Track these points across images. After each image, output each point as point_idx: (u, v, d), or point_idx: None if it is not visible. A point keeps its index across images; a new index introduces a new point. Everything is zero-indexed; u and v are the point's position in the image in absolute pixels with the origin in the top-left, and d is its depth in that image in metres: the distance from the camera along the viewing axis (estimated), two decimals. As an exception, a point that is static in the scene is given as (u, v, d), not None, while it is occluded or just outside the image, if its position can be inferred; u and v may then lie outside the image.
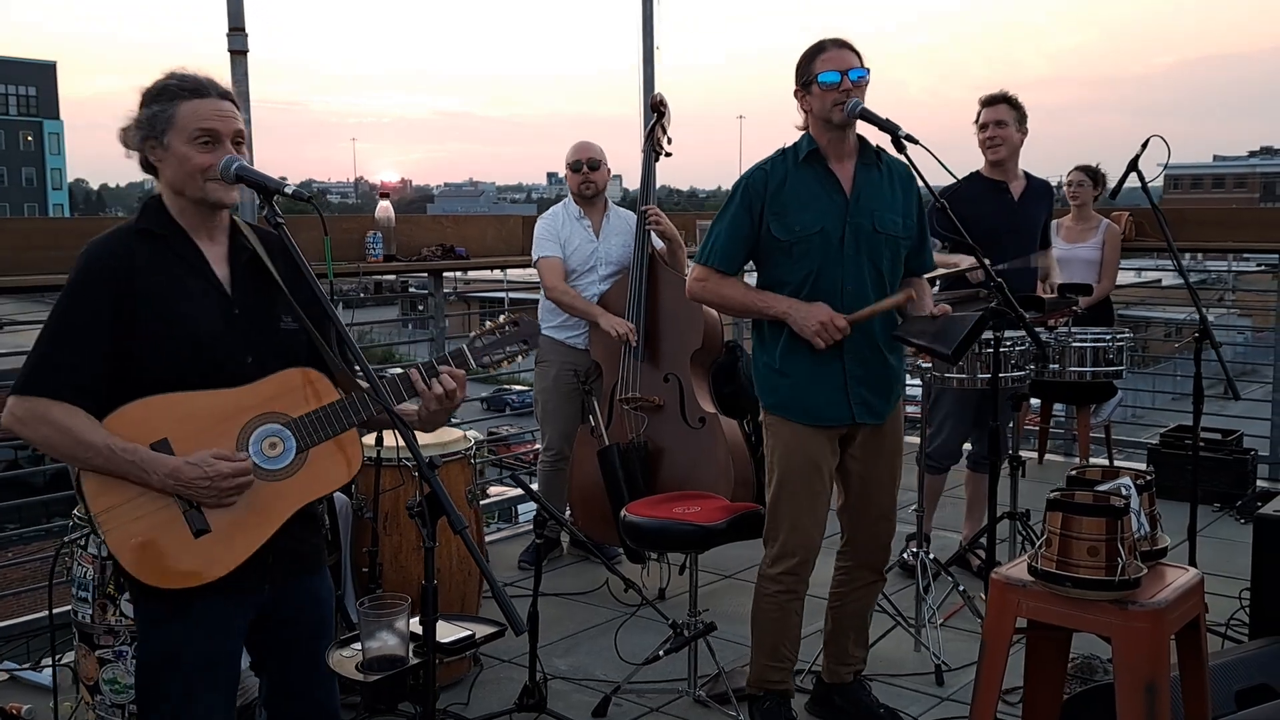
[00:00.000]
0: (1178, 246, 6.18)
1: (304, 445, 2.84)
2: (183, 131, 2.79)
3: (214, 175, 2.79)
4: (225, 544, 2.79)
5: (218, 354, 2.82)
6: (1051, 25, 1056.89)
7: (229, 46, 6.02)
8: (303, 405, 2.85)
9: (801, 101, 4.14)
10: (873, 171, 4.18)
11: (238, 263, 2.93)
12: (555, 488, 6.30)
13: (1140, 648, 3.04)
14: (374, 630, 2.99)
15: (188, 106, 2.79)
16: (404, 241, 7.00)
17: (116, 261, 2.78)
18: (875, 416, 4.21)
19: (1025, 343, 4.91)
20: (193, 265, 2.86)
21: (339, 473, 2.93)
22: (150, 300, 2.77)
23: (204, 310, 2.83)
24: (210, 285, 2.87)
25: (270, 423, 2.83)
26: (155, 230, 2.85)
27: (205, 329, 2.82)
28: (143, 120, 2.82)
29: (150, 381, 2.76)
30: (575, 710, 4.59)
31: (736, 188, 4.21)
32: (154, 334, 2.77)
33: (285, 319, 2.95)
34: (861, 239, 4.11)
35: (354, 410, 2.87)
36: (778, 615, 4.28)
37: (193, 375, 2.79)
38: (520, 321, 3.09)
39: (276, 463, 2.83)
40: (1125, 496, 3.15)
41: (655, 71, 8.08)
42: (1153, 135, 5.00)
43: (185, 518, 2.76)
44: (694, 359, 5.90)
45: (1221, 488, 7.36)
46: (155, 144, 2.82)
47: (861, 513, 4.33)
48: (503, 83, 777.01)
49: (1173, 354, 15.96)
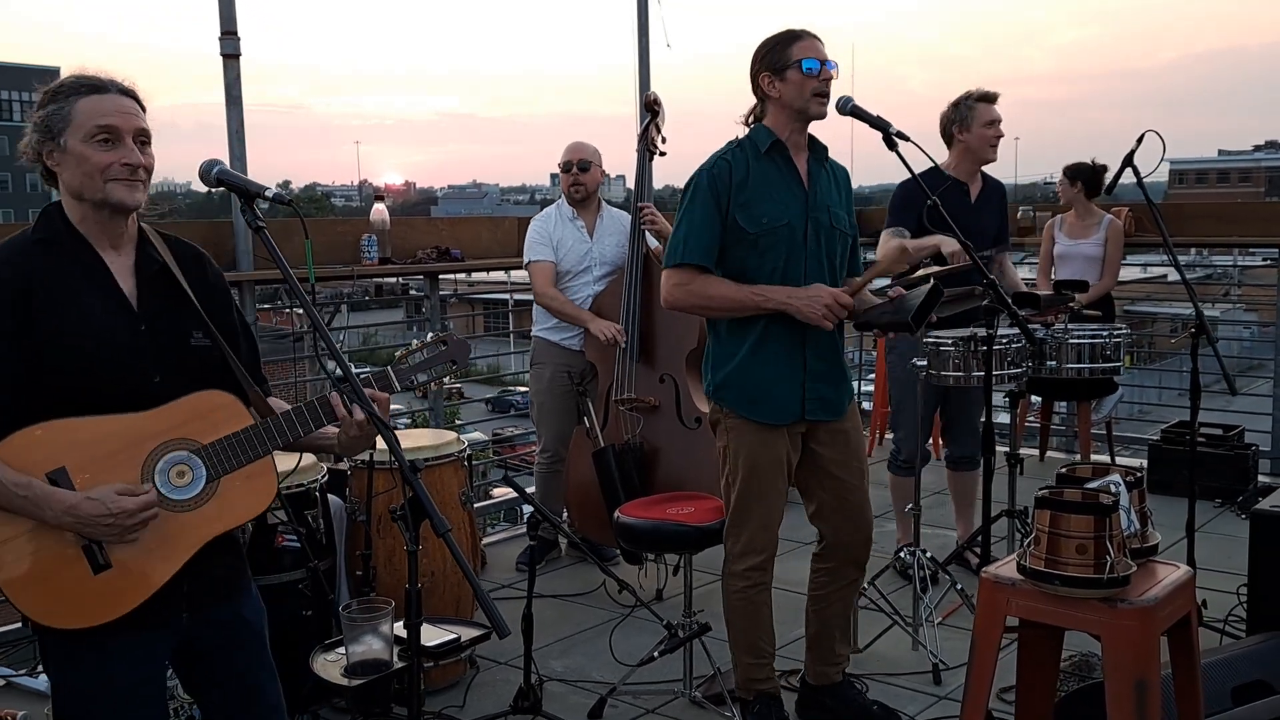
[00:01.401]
0: (1180, 241, 6.16)
1: (215, 474, 2.67)
2: (80, 129, 2.61)
3: (115, 175, 2.62)
4: (130, 580, 2.61)
5: (122, 373, 2.64)
6: (1055, 19, 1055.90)
7: (221, 50, 6.03)
8: (214, 431, 2.67)
9: (767, 87, 4.05)
10: (821, 169, 4.17)
11: (145, 275, 2.74)
12: (552, 489, 6.29)
13: (1129, 645, 3.02)
14: (358, 634, 2.98)
15: (85, 103, 2.63)
16: (399, 244, 6.99)
17: (11, 273, 2.59)
18: (831, 412, 4.20)
19: (1020, 339, 4.89)
20: (95, 278, 2.67)
21: (252, 503, 2.74)
22: (48, 315, 2.58)
23: (107, 326, 2.64)
24: (114, 299, 2.68)
25: (179, 449, 2.65)
26: (54, 239, 2.67)
27: (109, 346, 2.63)
28: (39, 122, 2.64)
29: (48, 404, 2.57)
30: (571, 712, 4.57)
31: (698, 181, 4.08)
32: (53, 351, 2.58)
33: (196, 335, 2.76)
34: (821, 233, 4.11)
35: (269, 436, 2.70)
36: (749, 609, 4.26)
37: (95, 396, 2.60)
38: (449, 341, 2.94)
39: (185, 492, 2.65)
40: (1114, 494, 3.13)
41: (651, 71, 8.06)
42: (1147, 130, 4.99)
43: (85, 553, 2.57)
44: (689, 359, 5.88)
45: (1222, 483, 7.33)
46: (53, 146, 2.64)
47: (841, 512, 4.29)
48: (506, 83, 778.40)
49: (1177, 350, 15.92)
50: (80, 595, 2.58)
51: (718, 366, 4.21)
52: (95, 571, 2.58)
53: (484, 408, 29.46)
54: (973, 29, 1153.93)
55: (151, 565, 2.63)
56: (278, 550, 4.33)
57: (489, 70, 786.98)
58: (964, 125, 5.73)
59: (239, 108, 6.12)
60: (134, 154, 2.65)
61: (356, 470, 4.85)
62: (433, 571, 4.75)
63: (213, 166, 2.77)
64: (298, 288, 2.73)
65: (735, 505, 4.22)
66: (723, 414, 4.21)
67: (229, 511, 2.71)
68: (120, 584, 2.60)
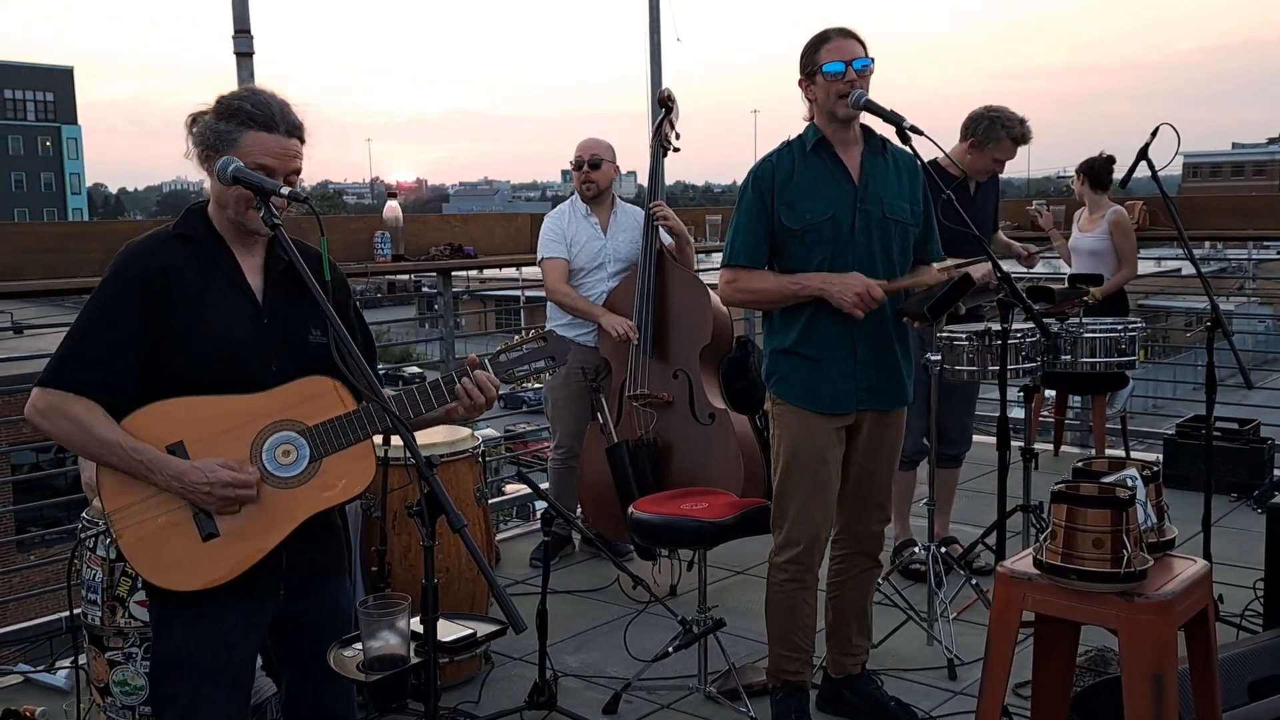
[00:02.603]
0: (1195, 235, 6.14)
1: (317, 454, 2.84)
2: (242, 159, 2.78)
3: (255, 205, 2.78)
4: (230, 549, 2.79)
5: (243, 360, 2.84)
6: (1070, 13, 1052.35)
7: (234, 49, 6.03)
8: (320, 414, 2.85)
9: (806, 91, 4.13)
10: (879, 159, 4.18)
11: (272, 273, 2.94)
12: (566, 485, 6.29)
13: (1146, 640, 3.01)
14: (375, 629, 2.97)
15: (253, 137, 2.81)
16: (412, 241, 6.99)
17: (153, 262, 2.81)
18: (881, 402, 4.21)
19: (1035, 333, 4.88)
20: (226, 272, 2.89)
21: (352, 483, 2.91)
22: (181, 303, 2.80)
23: (233, 317, 2.86)
24: (241, 293, 2.89)
25: (285, 430, 2.83)
26: (193, 235, 2.88)
27: (233, 335, 2.84)
28: (207, 133, 2.82)
29: (175, 384, 2.79)
30: (586, 707, 4.58)
31: (746, 184, 4.21)
32: (182, 337, 2.79)
33: (314, 332, 2.95)
34: (872, 225, 4.11)
35: (370, 421, 2.86)
36: (787, 604, 4.28)
37: (217, 380, 2.81)
38: (549, 338, 3.09)
39: (289, 470, 2.83)
40: (1131, 488, 3.11)
41: (663, 67, 8.06)
42: (1162, 123, 4.97)
43: (195, 520, 2.77)
44: (703, 355, 5.88)
45: (1238, 477, 7.31)
46: (211, 158, 2.81)
47: (857, 500, 4.32)
48: (517, 80, 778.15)
49: (1192, 343, 15.86)
50: (188, 560, 2.79)
51: (772, 355, 4.27)
52: (204, 539, 2.78)
53: (496, 404, 29.56)
54: (984, 21, 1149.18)
55: (254, 537, 2.81)
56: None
57: (500, 67, 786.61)
58: (981, 143, 5.73)
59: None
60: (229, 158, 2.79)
61: (372, 466, 4.84)
62: (448, 567, 4.75)
63: (229, 164, 2.78)
64: (314, 285, 2.77)
65: (776, 495, 4.27)
66: (773, 401, 4.27)
67: (328, 490, 2.87)
68: (223, 553, 2.79)
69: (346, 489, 2.90)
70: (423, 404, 2.92)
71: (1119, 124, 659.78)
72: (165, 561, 2.78)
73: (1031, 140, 5.79)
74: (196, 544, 2.78)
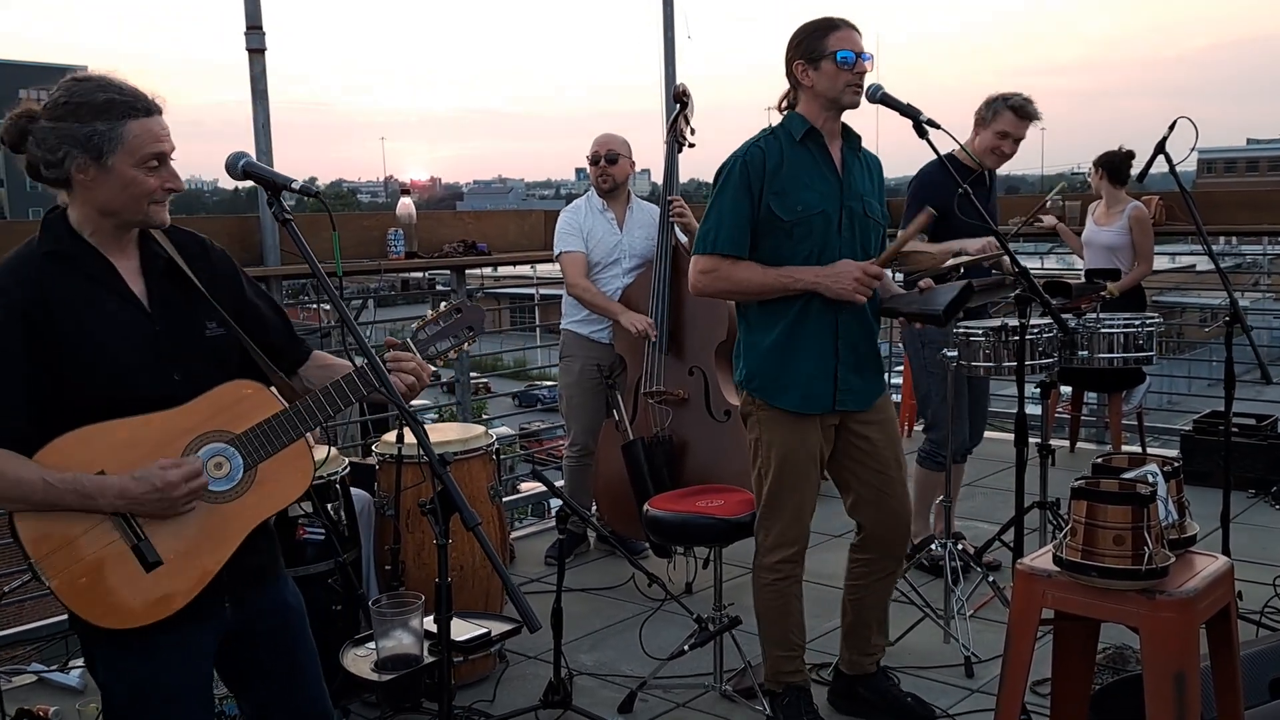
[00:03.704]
0: (1211, 230, 6.09)
1: (251, 462, 2.70)
2: (132, 153, 2.59)
3: (158, 198, 2.65)
4: (180, 574, 2.64)
5: (143, 376, 2.66)
6: (1083, 9, 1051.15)
7: (247, 45, 6.03)
8: (245, 420, 2.69)
9: (802, 76, 4.02)
10: (854, 157, 4.14)
11: (153, 273, 2.74)
12: (581, 483, 6.27)
13: (1168, 638, 2.98)
14: (388, 629, 2.96)
15: (139, 126, 2.60)
16: (425, 238, 6.98)
17: (27, 289, 2.58)
18: (859, 402, 4.16)
19: (1052, 329, 4.85)
20: (106, 284, 2.67)
21: (292, 486, 2.79)
22: (66, 327, 2.58)
23: (123, 331, 2.66)
24: (127, 302, 2.68)
25: (213, 442, 2.68)
26: (63, 251, 2.65)
27: (127, 351, 2.65)
28: (79, 136, 2.57)
29: (75, 413, 2.59)
30: (601, 706, 4.56)
31: (730, 168, 4.05)
32: (74, 362, 2.59)
33: (210, 325, 2.78)
34: (855, 221, 4.07)
35: (300, 420, 2.72)
36: (780, 603, 4.24)
37: (119, 402, 2.62)
38: (463, 308, 2.94)
39: (224, 483, 2.68)
40: (1152, 484, 3.08)
41: (677, 63, 8.04)
42: (1180, 117, 4.92)
43: (135, 552, 2.60)
44: (719, 351, 5.85)
45: (1256, 473, 7.26)
46: (91, 164, 2.58)
47: (881, 505, 4.26)
48: (531, 78, 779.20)
49: (1207, 339, 15.80)
50: (136, 594, 2.61)
51: (748, 356, 4.18)
52: (147, 570, 2.61)
53: (511, 402, 29.51)
54: (998, 18, 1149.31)
55: (201, 558, 2.66)
56: (299, 543, 4.32)
57: (514, 65, 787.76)
58: (984, 123, 5.67)
59: (265, 102, 6.12)
60: (176, 179, 2.68)
61: (384, 464, 4.84)
62: (462, 566, 4.74)
63: (239, 159, 2.75)
64: (325, 281, 2.72)
65: (766, 497, 4.19)
66: (754, 405, 4.18)
67: (269, 498, 2.74)
68: (173, 580, 2.63)
69: (286, 494, 2.79)
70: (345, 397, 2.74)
71: (1133, 120, 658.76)
72: (110, 599, 2.60)
73: (1039, 118, 5.65)
74: (140, 576, 2.60)
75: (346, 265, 6.49)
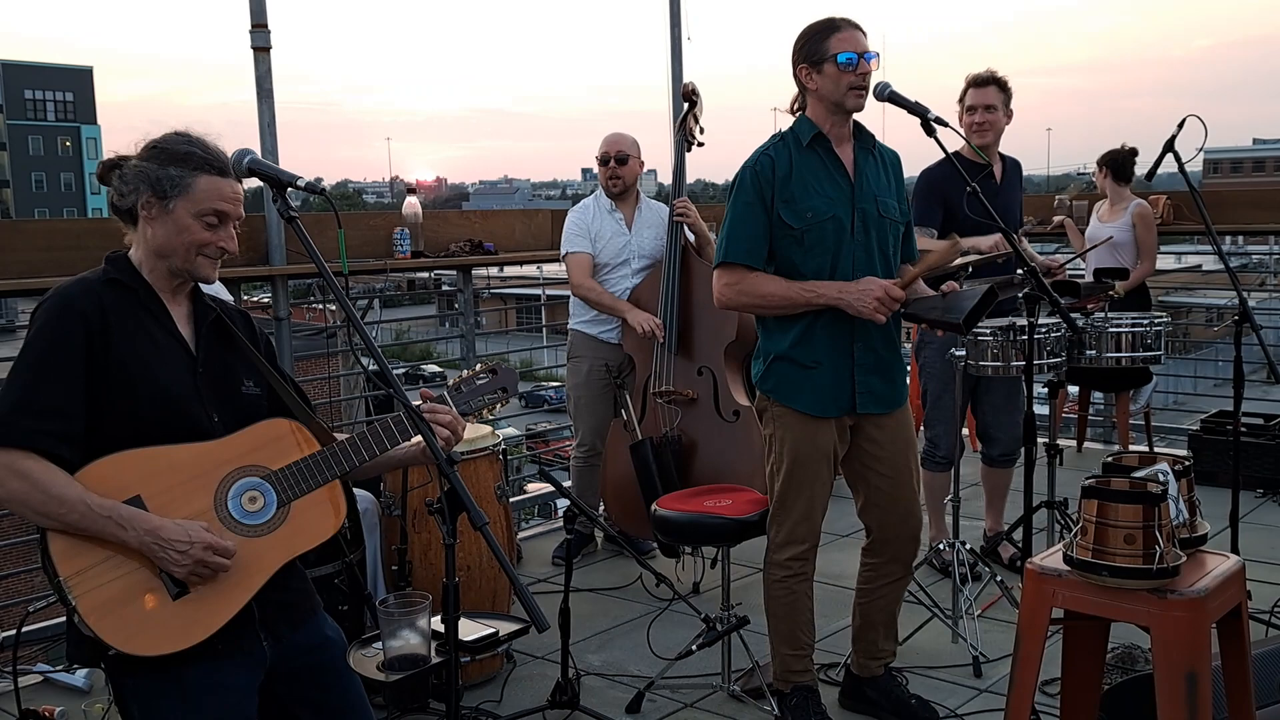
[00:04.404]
0: (1217, 229, 6.06)
1: (285, 499, 2.73)
2: (195, 204, 2.70)
3: (208, 254, 2.74)
4: (207, 605, 2.63)
5: (185, 409, 2.72)
6: (1088, 8, 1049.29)
7: (252, 43, 6.03)
8: (282, 457, 2.75)
9: (806, 80, 4.01)
10: (869, 156, 4.11)
11: (202, 323, 2.83)
12: (589, 483, 6.26)
13: (1180, 637, 2.97)
14: (395, 629, 2.95)
15: (208, 182, 2.71)
16: (432, 238, 6.97)
17: (91, 305, 2.66)
18: (881, 405, 4.15)
19: (1060, 328, 4.83)
20: (160, 321, 2.77)
21: (324, 525, 2.80)
22: (121, 348, 2.66)
23: (170, 365, 2.73)
24: (176, 341, 2.77)
25: (249, 476, 2.71)
26: (125, 281, 2.74)
27: (174, 383, 2.72)
28: (152, 176, 2.69)
29: (118, 435, 2.64)
30: (608, 706, 4.55)
31: (743, 178, 4.06)
32: (123, 383, 2.64)
33: (247, 383, 2.86)
34: (870, 224, 4.04)
35: (337, 460, 2.77)
36: (790, 600, 4.24)
37: (162, 429, 2.67)
38: (499, 369, 3.01)
39: (257, 518, 2.71)
40: (1163, 483, 3.07)
41: (684, 62, 8.01)
42: (1189, 115, 4.90)
43: (162, 579, 2.60)
44: (728, 351, 5.84)
45: (1264, 473, 7.25)
46: (156, 203, 2.71)
47: (890, 509, 4.25)
48: (536, 78, 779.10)
49: (1213, 339, 15.79)
50: (161, 620, 2.60)
51: (765, 356, 4.18)
52: (174, 598, 2.61)
53: (517, 403, 29.57)
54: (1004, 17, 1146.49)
55: (229, 589, 2.66)
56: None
57: (520, 65, 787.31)
58: (961, 103, 5.69)
59: (270, 101, 6.11)
60: (232, 241, 2.77)
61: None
62: (469, 565, 4.73)
63: (244, 156, 2.76)
64: (332, 280, 2.73)
65: (778, 495, 4.19)
66: (769, 403, 4.18)
67: (300, 535, 2.76)
68: (199, 609, 2.63)
69: (317, 533, 2.80)
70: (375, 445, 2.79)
71: (1138, 120, 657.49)
72: (134, 626, 2.58)
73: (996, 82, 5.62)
74: (166, 603, 2.60)
75: (352, 264, 6.48)
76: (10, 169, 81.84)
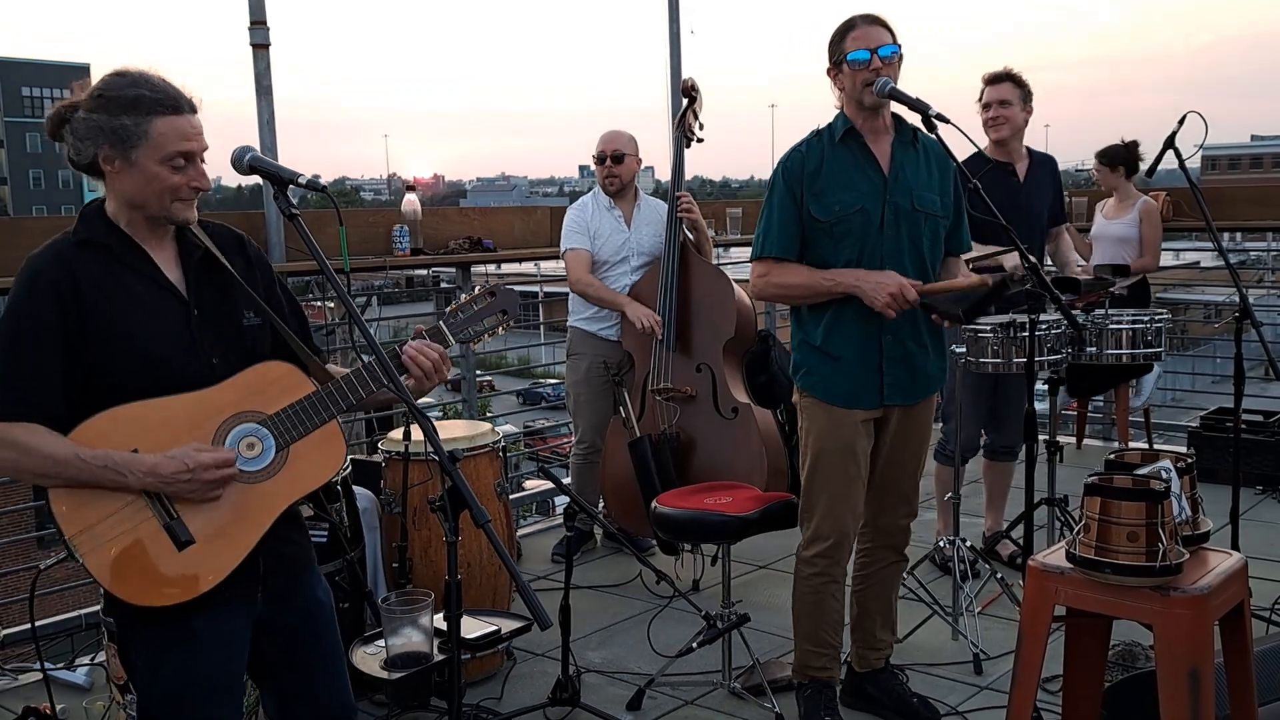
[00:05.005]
0: (1219, 226, 6.07)
1: (284, 443, 2.72)
2: (158, 150, 2.62)
3: (182, 196, 2.67)
4: (212, 553, 2.65)
5: (179, 362, 2.69)
6: (1089, 4, 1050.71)
7: (250, 40, 6.02)
8: (277, 401, 2.72)
9: (835, 80, 4.07)
10: (909, 150, 4.12)
11: (190, 263, 2.77)
12: (588, 480, 6.26)
13: (1182, 635, 2.96)
14: (397, 626, 2.95)
15: (165, 124, 2.62)
16: (431, 235, 6.96)
17: (59, 273, 2.62)
18: (907, 397, 4.15)
19: (1061, 325, 4.83)
20: (143, 273, 2.71)
21: (324, 468, 2.79)
22: (94, 311, 2.62)
23: (160, 318, 2.70)
24: (165, 290, 2.73)
25: (246, 422, 2.70)
26: (99, 240, 2.69)
27: (160, 336, 2.68)
28: (106, 128, 2.61)
29: (110, 395, 2.62)
30: (609, 703, 4.55)
31: (776, 174, 4.13)
32: (107, 347, 2.62)
33: (247, 314, 2.82)
34: (901, 218, 4.05)
35: (333, 400, 2.74)
36: (814, 600, 4.23)
37: (155, 385, 2.65)
38: (498, 291, 2.96)
39: (257, 463, 2.70)
40: (1165, 480, 3.07)
41: (682, 59, 8.02)
42: (1189, 111, 4.88)
43: (167, 530, 2.62)
44: (727, 348, 5.84)
45: (1264, 470, 7.26)
46: (119, 157, 2.63)
47: (883, 495, 4.27)
48: (534, 75, 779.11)
49: (1213, 336, 15.79)
50: (166, 571, 2.62)
51: (799, 349, 4.22)
52: (179, 548, 2.62)
53: (515, 400, 29.58)
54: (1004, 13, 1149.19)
55: (232, 537, 2.68)
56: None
57: (517, 62, 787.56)
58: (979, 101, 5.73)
59: (269, 97, 6.10)
60: (203, 178, 2.71)
61: (392, 462, 4.82)
62: (469, 563, 4.72)
63: (245, 153, 2.76)
64: (333, 277, 2.72)
65: (805, 490, 4.22)
66: (801, 394, 4.21)
67: (301, 478, 2.76)
68: (205, 558, 2.64)
69: (318, 475, 2.79)
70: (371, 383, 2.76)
71: (1136, 116, 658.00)
72: (142, 577, 2.61)
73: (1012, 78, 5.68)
74: (172, 554, 2.62)
75: (353, 262, 6.47)
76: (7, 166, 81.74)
